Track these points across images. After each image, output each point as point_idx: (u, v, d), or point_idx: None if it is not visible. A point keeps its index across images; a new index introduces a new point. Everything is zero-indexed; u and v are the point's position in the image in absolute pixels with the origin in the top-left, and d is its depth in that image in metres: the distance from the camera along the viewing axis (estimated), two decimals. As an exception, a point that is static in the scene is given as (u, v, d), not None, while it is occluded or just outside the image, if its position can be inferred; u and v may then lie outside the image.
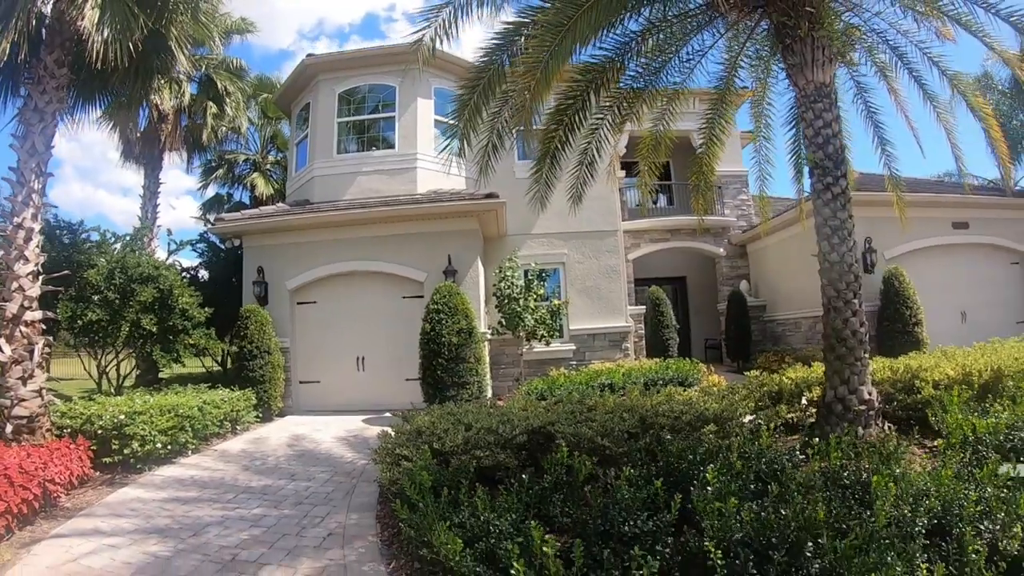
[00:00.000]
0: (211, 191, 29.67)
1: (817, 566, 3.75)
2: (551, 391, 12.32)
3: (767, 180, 13.56)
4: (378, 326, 15.39)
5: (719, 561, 3.59)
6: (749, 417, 8.94)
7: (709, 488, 4.67)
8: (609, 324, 18.66)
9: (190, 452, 10.54)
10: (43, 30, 10.82)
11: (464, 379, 12.69)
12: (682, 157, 18.74)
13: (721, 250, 22.81)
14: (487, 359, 14.93)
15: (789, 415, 9.45)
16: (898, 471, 5.05)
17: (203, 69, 21.71)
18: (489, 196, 14.84)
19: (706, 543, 3.82)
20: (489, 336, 15.92)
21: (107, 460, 9.33)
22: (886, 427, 8.55)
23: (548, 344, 16.52)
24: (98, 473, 9.18)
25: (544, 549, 3.75)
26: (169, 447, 9.96)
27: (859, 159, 62.74)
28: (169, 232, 24.54)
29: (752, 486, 5.10)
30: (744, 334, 20.96)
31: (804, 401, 9.57)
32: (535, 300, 15.48)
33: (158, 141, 20.43)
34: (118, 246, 14.01)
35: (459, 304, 13.22)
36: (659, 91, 11.15)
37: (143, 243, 15.28)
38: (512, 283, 15.17)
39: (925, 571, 3.55)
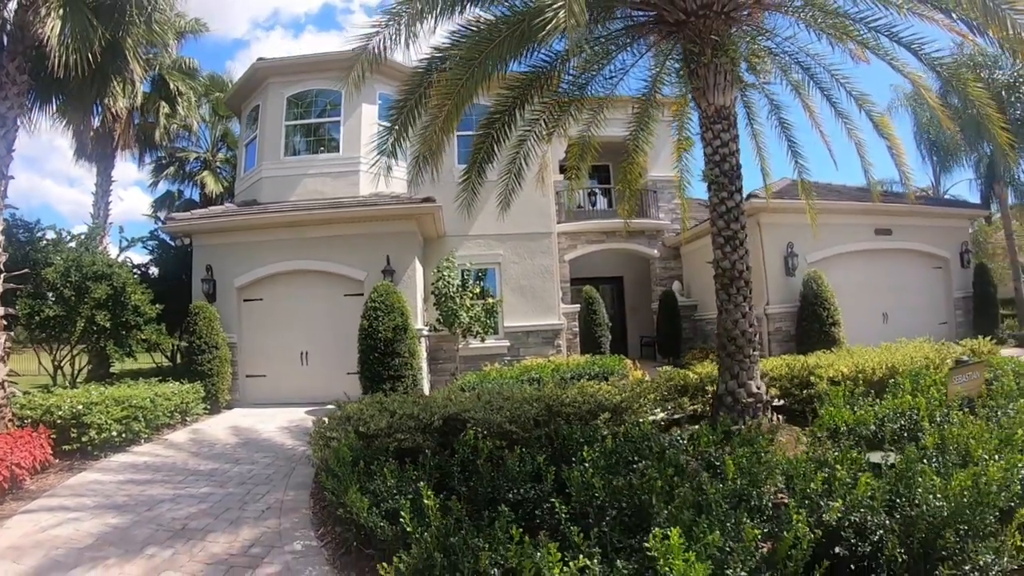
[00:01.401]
0: (162, 187, 29.95)
1: (656, 522, 4.70)
2: (483, 385, 12.93)
3: (689, 187, 14.56)
4: (321, 322, 16.10)
5: (564, 515, 4.57)
6: (657, 409, 9.88)
7: (586, 463, 5.63)
8: (542, 322, 19.53)
9: (143, 441, 11.24)
10: (4, 38, 11.30)
11: (399, 372, 13.49)
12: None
13: (655, 252, 23.83)
14: (422, 354, 15.68)
15: (693, 407, 10.36)
16: (764, 453, 5.88)
17: (156, 70, 21.93)
18: (426, 200, 15.66)
19: (553, 500, 4.81)
20: (426, 332, 16.74)
21: (66, 448, 10.01)
22: (775, 417, 9.49)
23: (483, 340, 17.31)
24: (58, 460, 9.83)
25: (426, 501, 4.73)
26: (124, 435, 10.71)
27: (786, 168, 63.78)
28: (121, 229, 24.86)
29: (634, 465, 5.99)
30: (675, 332, 21.93)
31: (710, 395, 10.51)
32: (471, 298, 16.30)
33: (111, 140, 20.66)
34: (73, 244, 14.47)
35: (395, 302, 14.01)
36: (584, 105, 11.92)
37: (97, 242, 15.78)
38: (448, 282, 15.95)
39: (748, 530, 4.27)
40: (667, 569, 3.68)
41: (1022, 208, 28.08)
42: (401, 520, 4.75)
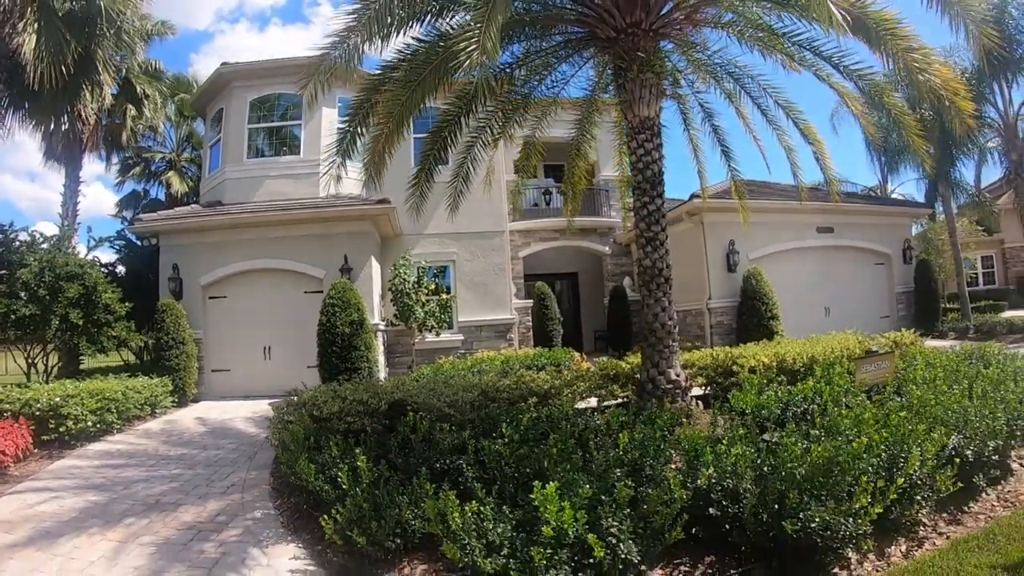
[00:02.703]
0: (127, 186, 30.31)
1: (553, 482, 5.66)
2: (436, 376, 13.33)
3: (628, 191, 15.33)
4: (283, 319, 16.82)
5: (471, 475, 5.56)
6: (586, 394, 10.78)
7: (504, 438, 6.58)
8: (495, 316, 20.43)
9: (115, 431, 12.02)
10: (-19, 50, 11.81)
11: (356, 365, 14.30)
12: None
13: (607, 248, 24.64)
14: (378, 347, 16.48)
15: (624, 394, 11.17)
16: (666, 431, 6.83)
17: (123, 73, 22.33)
18: (381, 202, 16.48)
19: (462, 462, 5.80)
20: (383, 327, 17.58)
21: (45, 438, 10.77)
22: (694, 402, 10.49)
23: (438, 335, 18.20)
24: (37, 449, 10.58)
25: (360, 464, 5.70)
26: (98, 425, 11.49)
27: (724, 171, 63.67)
28: (89, 229, 25.33)
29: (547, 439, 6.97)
30: (626, 325, 22.70)
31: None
32: (426, 294, 17.18)
33: (79, 143, 21.03)
34: (45, 245, 14.99)
35: (352, 299, 14.84)
36: (528, 111, 12.66)
37: (69, 243, 16.33)
38: (404, 279, 16.82)
39: (621, 488, 5.16)
40: (546, 515, 4.65)
41: (968, 207, 29.08)
42: (339, 481, 5.73)
